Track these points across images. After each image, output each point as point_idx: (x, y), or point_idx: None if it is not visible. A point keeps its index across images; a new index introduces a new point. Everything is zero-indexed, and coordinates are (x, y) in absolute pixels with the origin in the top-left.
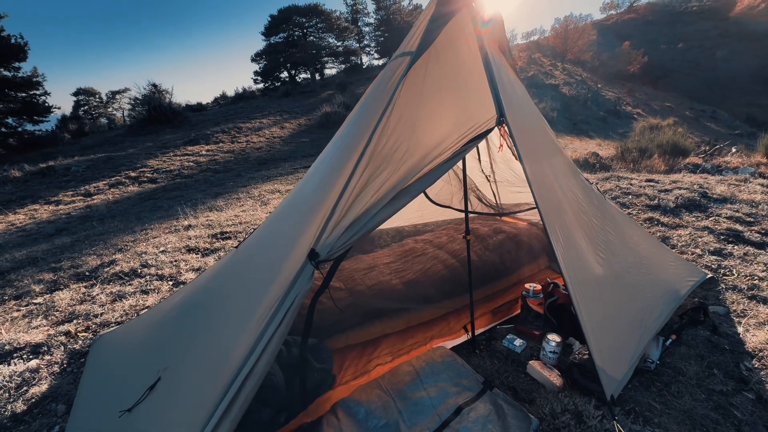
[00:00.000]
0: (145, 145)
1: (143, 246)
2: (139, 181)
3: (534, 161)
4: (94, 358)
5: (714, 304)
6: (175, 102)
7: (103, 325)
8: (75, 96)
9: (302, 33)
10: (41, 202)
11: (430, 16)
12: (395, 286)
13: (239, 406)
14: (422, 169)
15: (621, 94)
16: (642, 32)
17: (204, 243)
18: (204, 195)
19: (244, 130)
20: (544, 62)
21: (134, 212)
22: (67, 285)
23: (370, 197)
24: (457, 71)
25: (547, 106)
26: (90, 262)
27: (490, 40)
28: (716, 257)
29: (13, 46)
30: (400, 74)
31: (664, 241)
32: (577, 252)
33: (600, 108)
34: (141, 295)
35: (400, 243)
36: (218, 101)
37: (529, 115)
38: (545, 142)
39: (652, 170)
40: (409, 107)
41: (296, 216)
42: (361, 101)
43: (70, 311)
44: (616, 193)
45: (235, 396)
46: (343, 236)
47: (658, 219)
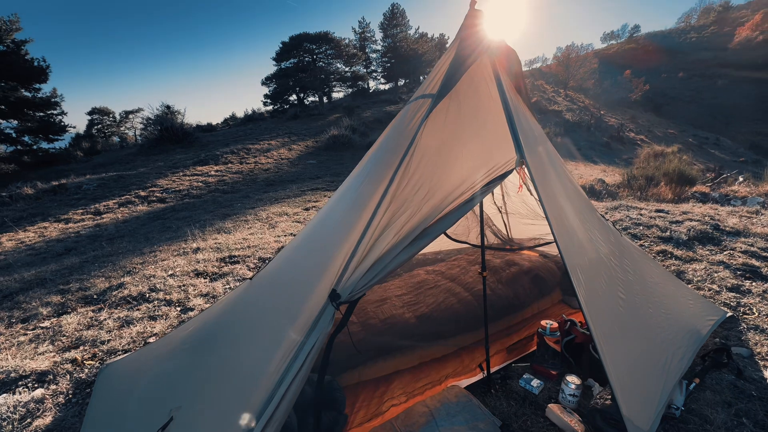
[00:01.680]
0: (156, 165)
1: (152, 269)
2: (149, 201)
3: (553, 202)
4: (100, 389)
5: (737, 345)
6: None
7: (110, 353)
8: (89, 115)
9: (312, 59)
10: (51, 220)
11: (451, 59)
12: (408, 320)
13: None
14: (443, 210)
15: (624, 121)
16: (642, 61)
17: (212, 267)
18: (212, 216)
19: (253, 151)
20: (547, 89)
21: (143, 232)
22: (75, 308)
23: (391, 237)
24: (477, 114)
25: (551, 132)
26: (98, 285)
27: (507, 82)
28: (734, 294)
29: (36, 69)
30: (422, 116)
31: (679, 276)
32: (599, 294)
33: (603, 134)
34: (149, 321)
35: (411, 273)
36: (228, 122)
37: (546, 155)
38: (562, 181)
39: (659, 199)
40: (430, 149)
41: (316, 253)
42: (380, 141)
43: (77, 336)
44: (627, 223)
45: None
46: (366, 276)
47: (672, 252)
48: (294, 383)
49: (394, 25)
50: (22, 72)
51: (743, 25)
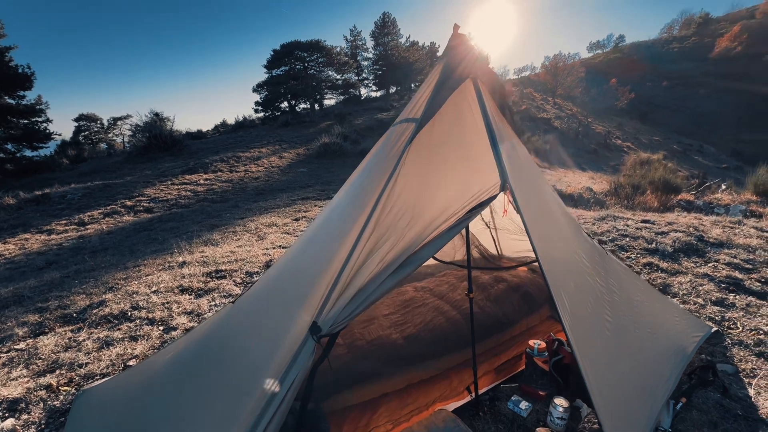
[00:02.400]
0: (144, 173)
1: (135, 285)
2: (135, 211)
3: (538, 226)
4: (74, 418)
5: (722, 362)
6: (176, 130)
7: (88, 378)
8: (76, 122)
9: (303, 66)
10: (33, 231)
11: (434, 83)
12: (396, 340)
13: None
14: (427, 237)
15: (611, 128)
16: (628, 70)
17: (198, 282)
18: (200, 227)
19: (243, 159)
20: (536, 97)
21: (128, 245)
22: (53, 328)
23: (375, 266)
24: (462, 139)
25: (540, 139)
26: (78, 302)
27: (492, 105)
28: (719, 308)
29: (20, 76)
30: (405, 141)
31: (665, 289)
32: (585, 318)
33: (591, 141)
34: (129, 342)
35: (399, 290)
36: (218, 129)
37: (531, 178)
38: (548, 203)
39: (645, 207)
40: (414, 175)
41: (299, 280)
42: (364, 163)
43: (53, 359)
44: (614, 235)
45: None
46: (348, 307)
47: (657, 264)
48: (274, 419)
49: (385, 34)
50: (6, 79)
51: (722, 36)
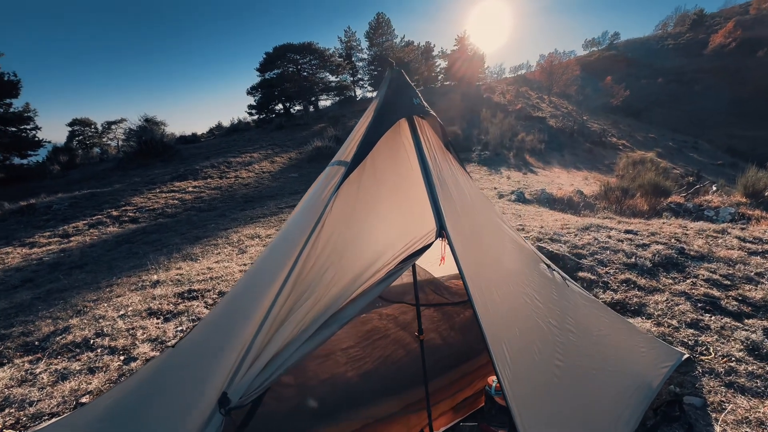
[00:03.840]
0: (133, 181)
1: (103, 308)
2: (120, 221)
3: (479, 275)
4: None
5: (690, 394)
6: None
7: (35, 418)
8: (70, 126)
9: (296, 69)
10: (15, 244)
11: (367, 123)
12: (350, 379)
13: None
14: (352, 293)
15: (606, 126)
16: (623, 67)
17: (168, 305)
18: (182, 240)
19: (234, 164)
20: (531, 95)
21: (107, 260)
22: (11, 359)
23: (291, 329)
24: (395, 183)
25: (535, 138)
26: (43, 329)
27: (435, 142)
28: (693, 331)
29: (6, 84)
30: (333, 188)
31: (640, 309)
32: (530, 368)
33: (586, 139)
34: (86, 375)
35: (363, 318)
36: (213, 132)
37: (475, 218)
38: (495, 243)
39: (635, 211)
40: (340, 226)
41: (219, 338)
42: (299, 205)
43: (5, 396)
44: (594, 248)
45: None
46: (261, 375)
47: (635, 281)
48: None
49: (379, 34)
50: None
51: (717, 33)
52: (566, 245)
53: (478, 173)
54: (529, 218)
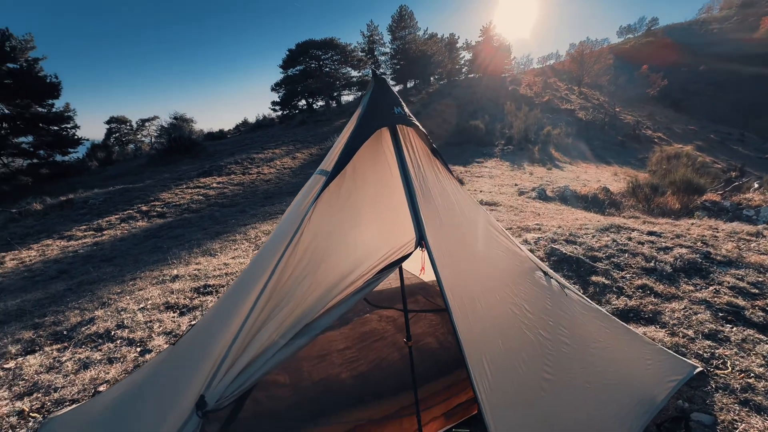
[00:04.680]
0: (162, 176)
1: (125, 301)
2: (149, 216)
3: (461, 285)
4: None
5: (700, 410)
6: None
7: (58, 403)
8: (108, 124)
9: (318, 65)
10: (55, 237)
11: (349, 132)
12: (344, 380)
13: None
14: (328, 302)
15: (641, 118)
16: (661, 55)
17: (184, 299)
18: (204, 235)
19: (257, 161)
20: (560, 87)
21: (134, 254)
22: (42, 347)
23: (267, 336)
24: (376, 192)
25: (562, 132)
26: (71, 319)
27: (420, 149)
28: (710, 342)
29: (49, 85)
30: (312, 198)
31: (655, 317)
32: (512, 381)
33: (618, 132)
34: (105, 365)
35: (363, 319)
36: (239, 128)
37: (463, 226)
38: (483, 252)
39: (665, 210)
40: (319, 235)
41: (204, 342)
42: (284, 216)
43: (33, 382)
44: (612, 250)
45: None
46: (236, 381)
47: (652, 287)
48: None
49: (402, 27)
50: (36, 89)
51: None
52: (582, 247)
53: (499, 169)
54: (548, 217)
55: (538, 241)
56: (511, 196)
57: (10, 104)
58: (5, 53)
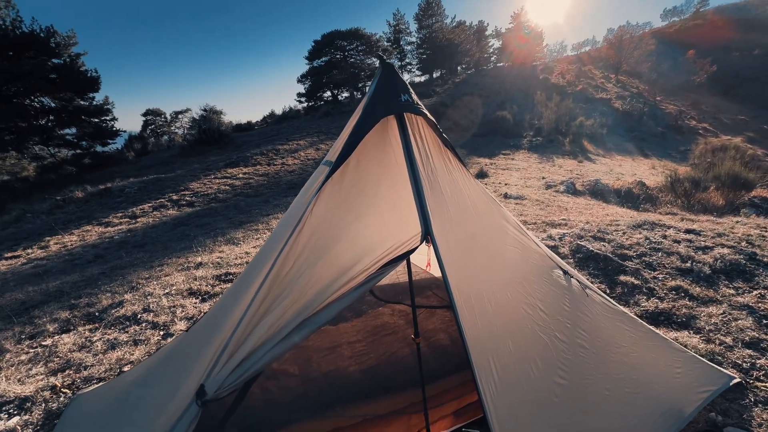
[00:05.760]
0: (192, 167)
1: (152, 285)
2: (179, 205)
3: (469, 283)
4: (61, 425)
5: (735, 425)
6: (227, 122)
7: (86, 381)
8: (144, 116)
9: (343, 56)
10: (94, 223)
11: (354, 122)
12: (352, 374)
13: None
14: (329, 296)
15: (684, 107)
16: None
17: (206, 285)
18: (229, 224)
19: (282, 152)
20: (596, 75)
21: (163, 240)
22: (76, 327)
23: (266, 329)
24: (380, 184)
25: (596, 123)
26: (103, 301)
27: (430, 140)
28: (751, 352)
29: (89, 79)
30: (315, 190)
31: (689, 321)
32: (520, 384)
33: (658, 123)
34: (131, 346)
35: (376, 312)
36: (266, 120)
37: (475, 221)
38: (496, 248)
39: (707, 207)
40: (321, 227)
41: (207, 331)
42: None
43: (66, 359)
44: (644, 248)
45: None
46: (235, 373)
47: (687, 289)
48: None
49: (429, 15)
50: (78, 83)
51: None
52: (611, 244)
53: (526, 161)
54: (576, 212)
55: (563, 237)
56: (537, 189)
57: (55, 98)
58: (51, 49)
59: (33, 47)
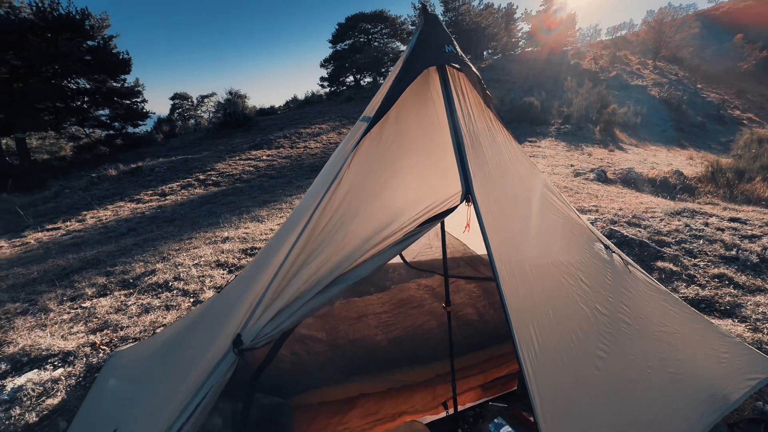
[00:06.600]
0: (218, 149)
1: (182, 257)
2: (206, 184)
3: (509, 246)
4: (101, 377)
5: None
6: (250, 106)
7: (123, 340)
8: (172, 100)
9: (367, 39)
10: (126, 200)
11: (395, 76)
12: (379, 343)
13: None
14: (365, 253)
15: (728, 96)
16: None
17: (233, 258)
18: (253, 203)
19: (304, 135)
20: (631, 60)
21: (191, 217)
22: (112, 291)
23: (302, 282)
24: (420, 140)
25: (630, 111)
26: (137, 269)
27: (472, 98)
28: None
29: (121, 61)
30: (352, 145)
31: (733, 310)
32: (560, 353)
33: (698, 112)
34: (163, 311)
35: (402, 287)
36: (288, 104)
37: (516, 184)
38: (536, 214)
39: (752, 198)
40: (357, 183)
41: (243, 286)
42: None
43: (105, 320)
44: (683, 235)
45: None
46: (271, 324)
47: (732, 278)
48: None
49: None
50: (111, 64)
51: None
52: (647, 230)
53: (554, 149)
54: (607, 200)
55: (594, 222)
56: (565, 177)
57: (90, 79)
58: (86, 31)
59: (69, 29)
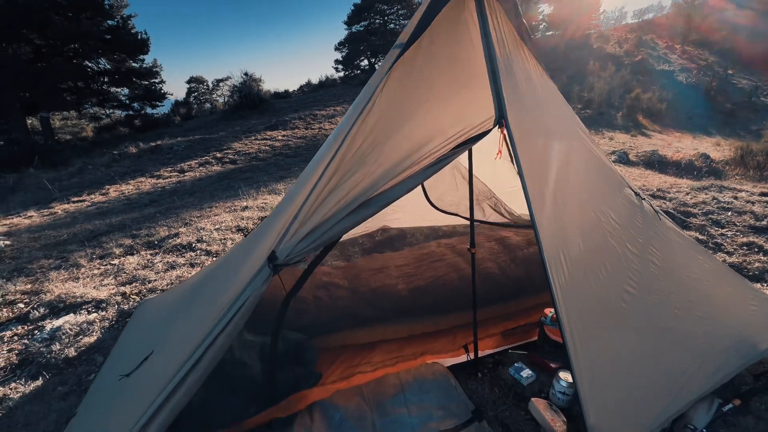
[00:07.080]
0: (234, 129)
1: (204, 222)
2: (223, 162)
3: (540, 173)
4: (133, 321)
5: None
6: (264, 89)
7: (152, 291)
8: (188, 83)
9: (383, 20)
10: (147, 176)
11: (429, 1)
12: (400, 291)
13: (181, 394)
14: (397, 175)
15: (760, 83)
16: None
17: (253, 224)
18: (270, 178)
19: (319, 117)
20: (659, 44)
21: (210, 190)
22: (139, 251)
23: (335, 203)
24: (452, 64)
25: (654, 96)
26: (161, 233)
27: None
28: None
29: (140, 41)
30: (385, 69)
31: (762, 275)
32: (588, 284)
33: (728, 99)
34: (188, 267)
35: (421, 245)
36: (303, 89)
37: (548, 116)
38: (568, 148)
39: None
40: (392, 105)
41: (278, 213)
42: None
43: (133, 275)
44: (710, 207)
45: (178, 385)
46: (304, 241)
47: (761, 245)
48: (220, 336)
49: None
50: (129, 44)
51: None
52: (672, 202)
53: None
54: (630, 180)
55: None
56: None
57: (110, 59)
58: (105, 10)
59: (90, 8)
